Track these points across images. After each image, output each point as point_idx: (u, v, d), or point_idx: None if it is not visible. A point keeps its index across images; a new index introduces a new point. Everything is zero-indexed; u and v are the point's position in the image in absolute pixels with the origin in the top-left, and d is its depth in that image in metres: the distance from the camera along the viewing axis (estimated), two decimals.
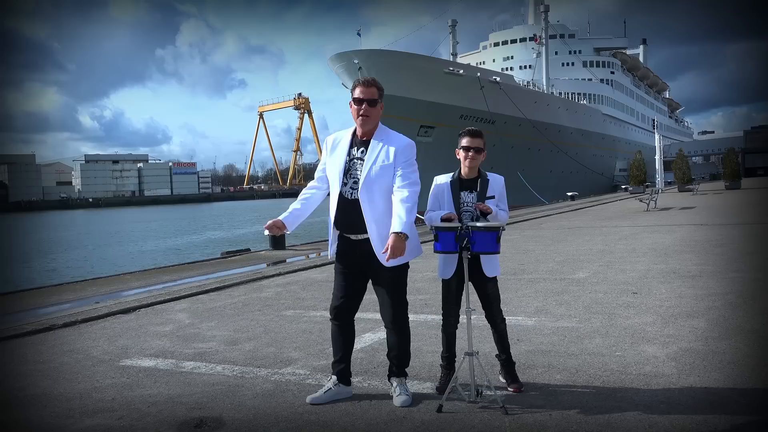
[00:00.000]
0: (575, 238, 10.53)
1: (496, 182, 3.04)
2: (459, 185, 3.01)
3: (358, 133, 2.89)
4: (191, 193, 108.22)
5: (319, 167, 3.03)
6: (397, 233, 2.67)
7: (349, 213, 2.83)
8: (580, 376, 3.18)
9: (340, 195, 2.83)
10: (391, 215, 2.75)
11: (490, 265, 3.00)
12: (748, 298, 4.83)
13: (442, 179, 3.06)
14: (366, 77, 2.90)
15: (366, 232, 2.82)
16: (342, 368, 3.00)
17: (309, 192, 3.00)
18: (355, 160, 2.84)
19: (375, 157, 2.81)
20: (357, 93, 2.82)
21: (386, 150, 2.81)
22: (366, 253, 2.86)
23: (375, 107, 2.82)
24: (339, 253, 2.92)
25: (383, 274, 2.87)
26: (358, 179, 2.82)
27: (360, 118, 2.81)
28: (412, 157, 2.87)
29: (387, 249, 2.67)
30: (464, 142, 3.01)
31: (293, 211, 2.93)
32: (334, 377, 3.00)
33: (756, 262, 6.69)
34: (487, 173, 3.08)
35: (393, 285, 2.90)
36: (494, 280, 3.05)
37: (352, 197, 2.83)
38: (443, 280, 3.04)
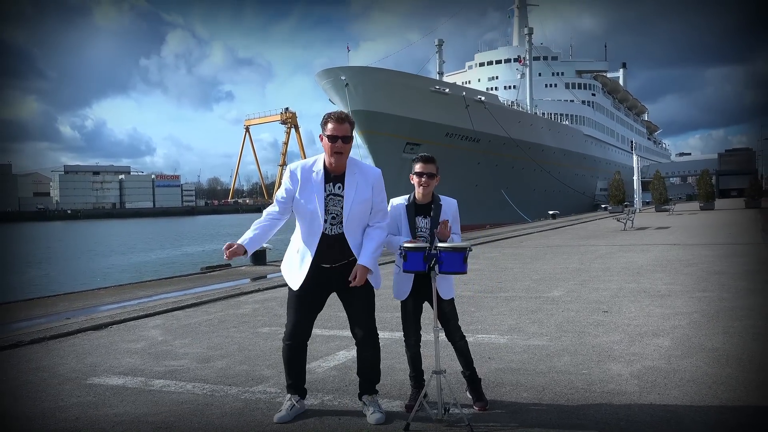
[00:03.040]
0: (553, 256, 10.72)
1: (449, 206, 3.11)
2: (414, 210, 3.07)
3: (330, 167, 2.86)
4: (174, 206, 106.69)
5: (281, 193, 2.90)
6: (364, 266, 2.83)
7: (333, 248, 2.85)
8: (546, 394, 3.24)
9: (323, 233, 2.84)
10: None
11: (445, 288, 3.04)
12: (711, 318, 4.99)
13: (398, 202, 3.10)
14: (339, 112, 2.85)
15: (343, 261, 2.89)
16: (302, 386, 3.08)
17: (269, 220, 2.91)
18: (332, 197, 2.85)
19: (354, 192, 2.85)
20: (331, 130, 2.79)
21: (363, 183, 2.88)
22: (343, 275, 2.89)
23: (348, 144, 2.83)
24: (305, 284, 2.89)
25: (359, 292, 2.94)
26: (337, 215, 2.85)
27: (335, 155, 2.81)
28: (383, 188, 2.98)
29: (355, 277, 2.83)
30: (417, 168, 3.07)
31: (253, 237, 2.87)
32: (296, 395, 3.05)
33: (722, 282, 6.90)
34: (441, 197, 3.13)
35: (368, 300, 2.99)
36: (450, 300, 3.11)
37: (333, 233, 2.86)
38: (401, 302, 3.10)
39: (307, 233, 2.87)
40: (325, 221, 2.83)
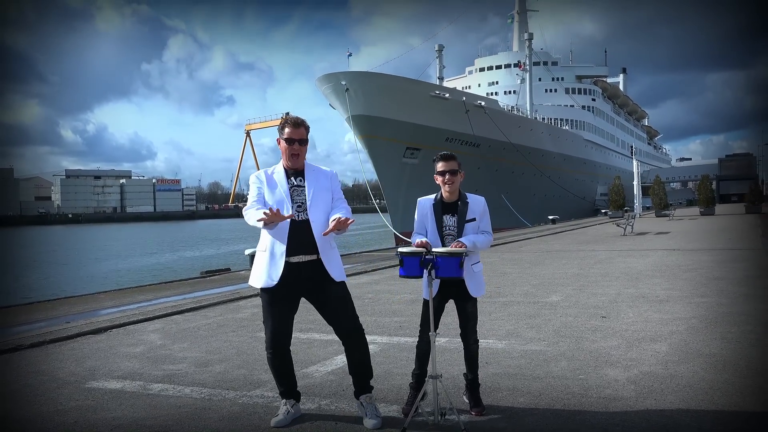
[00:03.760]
0: (552, 261, 10.72)
1: (477, 204, 3.13)
2: (441, 208, 3.10)
3: (287, 167, 3.05)
4: (175, 211, 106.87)
5: (254, 192, 3.03)
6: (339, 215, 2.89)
7: (300, 234, 2.93)
8: (543, 399, 3.25)
9: (291, 220, 2.94)
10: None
11: (475, 286, 3.08)
12: (710, 323, 5.00)
13: (425, 201, 3.14)
14: (295, 118, 3.04)
15: (311, 254, 2.94)
16: (294, 390, 3.10)
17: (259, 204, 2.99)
18: (295, 187, 3.01)
19: (314, 181, 3.05)
20: (288, 133, 2.99)
21: (321, 176, 3.09)
22: (313, 273, 2.95)
23: (305, 146, 3.05)
24: (279, 282, 2.92)
25: (334, 290, 2.99)
26: (302, 203, 2.98)
27: (292, 157, 3.01)
28: (339, 185, 3.17)
29: (334, 221, 2.84)
30: (439, 167, 3.12)
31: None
32: (291, 400, 3.07)
33: (721, 288, 6.90)
34: (468, 195, 3.16)
35: (346, 298, 3.04)
36: (475, 300, 3.13)
37: (300, 218, 2.97)
38: (425, 300, 3.11)
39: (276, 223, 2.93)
40: (292, 208, 2.94)
